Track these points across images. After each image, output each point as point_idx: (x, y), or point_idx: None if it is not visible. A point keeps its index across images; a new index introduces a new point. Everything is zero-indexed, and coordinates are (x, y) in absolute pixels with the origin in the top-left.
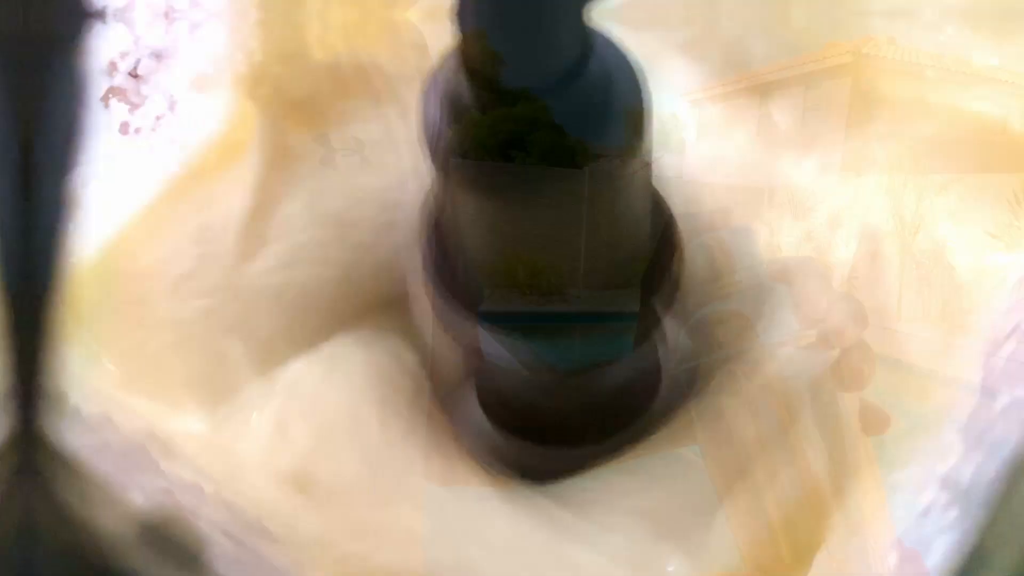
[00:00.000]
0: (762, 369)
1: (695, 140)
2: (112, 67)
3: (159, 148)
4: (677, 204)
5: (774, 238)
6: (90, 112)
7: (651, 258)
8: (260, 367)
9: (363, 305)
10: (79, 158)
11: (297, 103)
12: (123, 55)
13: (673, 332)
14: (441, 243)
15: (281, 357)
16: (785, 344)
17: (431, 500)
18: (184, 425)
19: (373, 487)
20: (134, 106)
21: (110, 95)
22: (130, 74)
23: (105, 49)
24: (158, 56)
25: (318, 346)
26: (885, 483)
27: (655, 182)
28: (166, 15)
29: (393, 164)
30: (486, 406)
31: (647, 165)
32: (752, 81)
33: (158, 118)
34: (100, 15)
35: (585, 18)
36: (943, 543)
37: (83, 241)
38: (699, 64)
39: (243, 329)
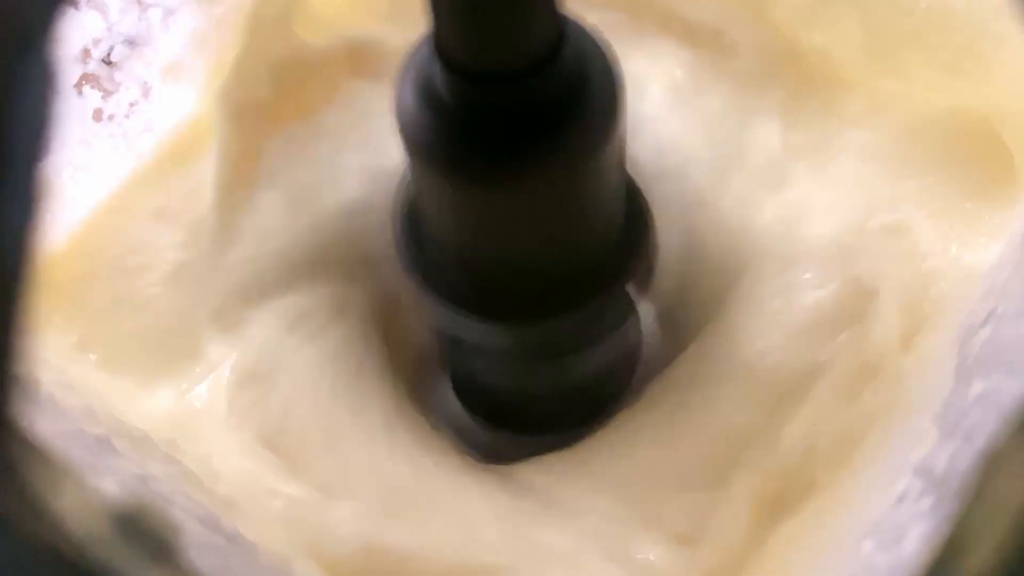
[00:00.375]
0: (739, 354)
1: (666, 119)
2: (85, 54)
3: (133, 135)
4: (650, 185)
5: (748, 221)
6: (63, 99)
7: (625, 241)
8: (226, 331)
9: (331, 269)
10: (51, 145)
11: (273, 85)
12: (96, 42)
13: (648, 315)
14: (415, 229)
15: (246, 320)
16: (760, 324)
17: (398, 478)
18: (154, 401)
19: (330, 449)
20: (107, 93)
21: (83, 82)
22: (103, 61)
23: (78, 36)
24: (131, 43)
25: (281, 304)
26: (860, 468)
27: (628, 165)
28: (139, 2)
29: (370, 147)
30: (459, 392)
31: (621, 149)
32: (722, 56)
33: (132, 105)
34: (73, 2)
35: (557, 2)
36: (918, 531)
37: (56, 227)
38: (668, 42)
39: (212, 300)
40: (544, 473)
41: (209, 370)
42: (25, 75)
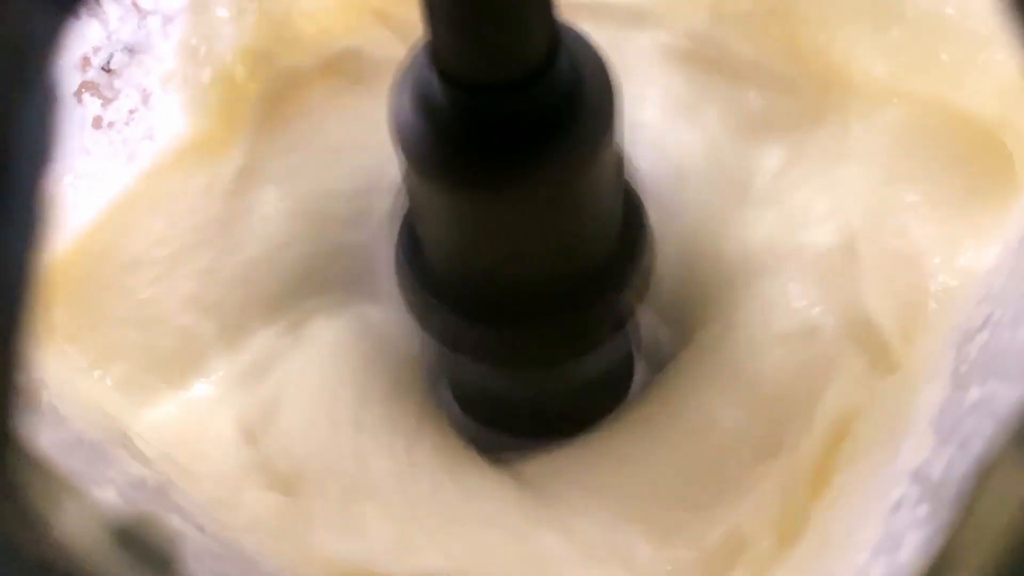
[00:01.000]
0: (738, 359)
1: (663, 125)
2: (85, 62)
3: (133, 142)
4: (648, 194)
5: (747, 227)
6: (64, 107)
7: (622, 248)
8: (229, 342)
9: (332, 279)
10: (54, 153)
11: (271, 93)
12: (96, 50)
13: (646, 322)
14: (412, 236)
15: (249, 331)
16: (761, 334)
17: (397, 480)
18: (156, 410)
19: (338, 461)
20: (107, 100)
21: (83, 90)
22: (103, 69)
23: (78, 44)
24: (131, 51)
25: (284, 315)
26: (857, 476)
27: (625, 172)
28: (138, 9)
29: (368, 155)
30: (458, 396)
31: (617, 155)
32: (722, 64)
33: (131, 112)
34: (73, 11)
35: (553, 12)
36: (914, 539)
37: (56, 235)
38: (668, 52)
39: (213, 309)
40: (543, 476)
41: (211, 378)
42: (28, 87)
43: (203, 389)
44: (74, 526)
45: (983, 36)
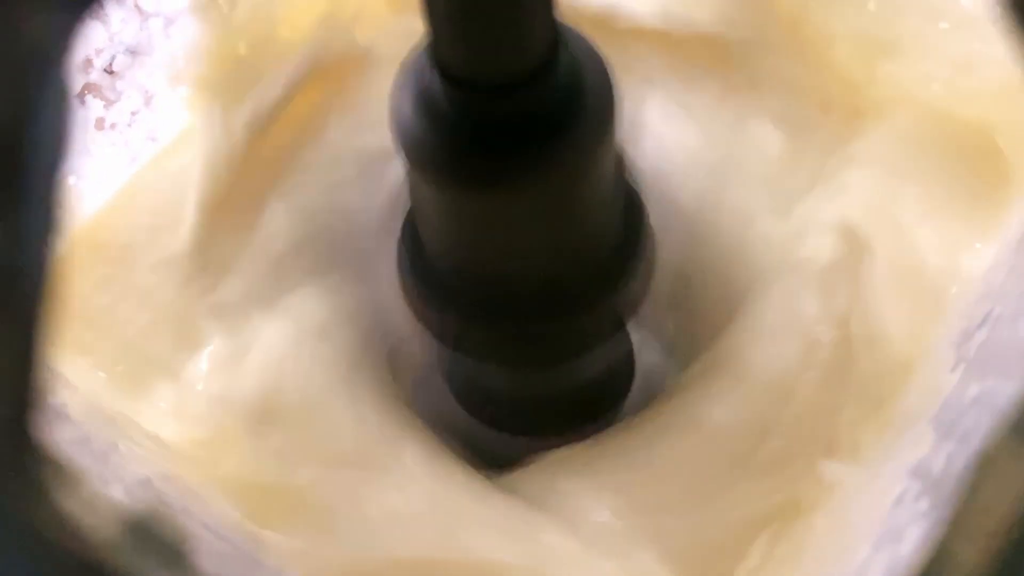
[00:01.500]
0: (742, 362)
1: (664, 126)
2: (87, 63)
3: (135, 143)
4: (649, 193)
5: (749, 230)
6: (72, 110)
7: (623, 247)
8: (229, 336)
9: (333, 275)
10: (67, 154)
11: (273, 91)
12: (98, 51)
13: (646, 322)
14: (414, 235)
15: (250, 324)
16: (765, 337)
17: (398, 478)
18: (157, 407)
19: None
20: (109, 102)
21: (86, 91)
22: (105, 70)
23: (80, 45)
24: (133, 52)
25: (285, 310)
26: (859, 472)
27: (626, 171)
28: (140, 11)
29: (371, 152)
30: (457, 394)
31: (618, 155)
32: (723, 67)
33: (133, 114)
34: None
35: (554, 12)
36: (915, 533)
37: (62, 235)
38: (667, 48)
39: (214, 305)
40: (546, 480)
41: (210, 376)
42: (42, 87)
43: (202, 385)
44: (91, 521)
45: (981, 40)
